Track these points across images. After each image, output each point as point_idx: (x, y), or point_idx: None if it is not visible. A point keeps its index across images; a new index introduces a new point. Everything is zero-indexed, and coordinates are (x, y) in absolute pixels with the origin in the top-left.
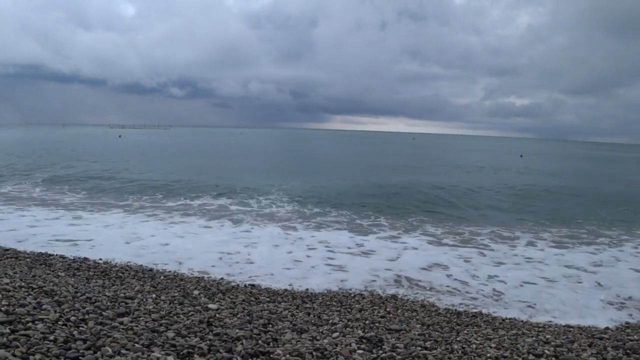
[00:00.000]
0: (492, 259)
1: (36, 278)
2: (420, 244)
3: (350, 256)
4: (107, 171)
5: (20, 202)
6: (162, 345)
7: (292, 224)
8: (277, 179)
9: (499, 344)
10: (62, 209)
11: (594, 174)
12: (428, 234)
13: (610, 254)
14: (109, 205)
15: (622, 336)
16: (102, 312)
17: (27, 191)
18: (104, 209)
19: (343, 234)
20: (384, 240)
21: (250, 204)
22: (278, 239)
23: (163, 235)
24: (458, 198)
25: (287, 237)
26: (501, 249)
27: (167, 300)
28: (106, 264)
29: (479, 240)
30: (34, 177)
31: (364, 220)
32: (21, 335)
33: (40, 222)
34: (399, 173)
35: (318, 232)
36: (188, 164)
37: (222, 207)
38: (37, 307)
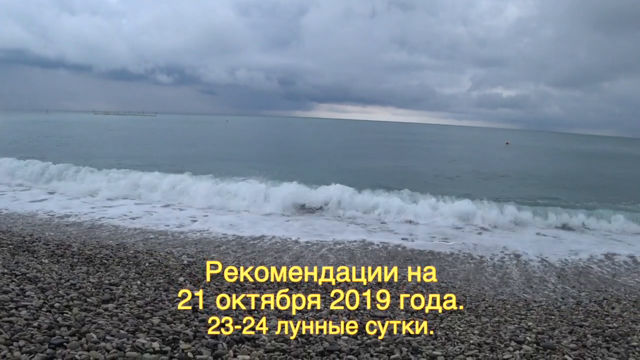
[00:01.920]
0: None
1: (19, 265)
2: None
3: (338, 243)
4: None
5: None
6: (147, 331)
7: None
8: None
9: (481, 331)
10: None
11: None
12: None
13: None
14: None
15: (602, 324)
16: (86, 298)
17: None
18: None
19: (323, 220)
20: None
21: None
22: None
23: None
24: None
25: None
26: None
27: (152, 287)
28: (90, 250)
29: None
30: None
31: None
32: (4, 322)
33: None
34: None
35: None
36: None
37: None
38: (21, 293)
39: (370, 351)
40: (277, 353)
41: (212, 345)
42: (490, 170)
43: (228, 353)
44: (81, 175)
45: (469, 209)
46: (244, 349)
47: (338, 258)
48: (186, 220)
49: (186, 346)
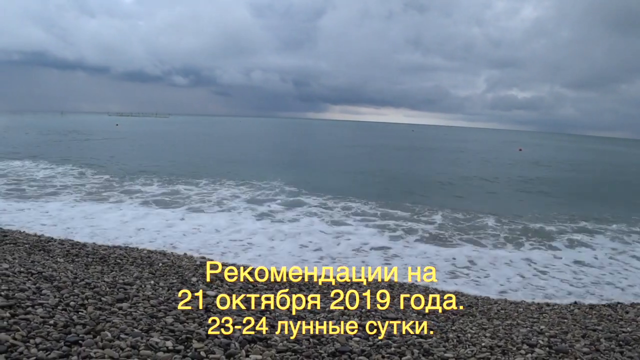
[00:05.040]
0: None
1: (35, 264)
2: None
3: (352, 249)
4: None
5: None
6: (160, 330)
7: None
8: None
9: (493, 334)
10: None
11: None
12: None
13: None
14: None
15: (616, 328)
16: (101, 297)
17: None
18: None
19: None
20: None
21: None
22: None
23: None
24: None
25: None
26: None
27: (166, 287)
28: (105, 250)
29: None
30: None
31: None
32: (21, 319)
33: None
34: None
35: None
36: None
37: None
38: (37, 292)
39: (381, 352)
40: (288, 353)
41: (225, 344)
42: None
43: (240, 353)
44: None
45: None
46: (256, 348)
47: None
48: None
49: (199, 345)
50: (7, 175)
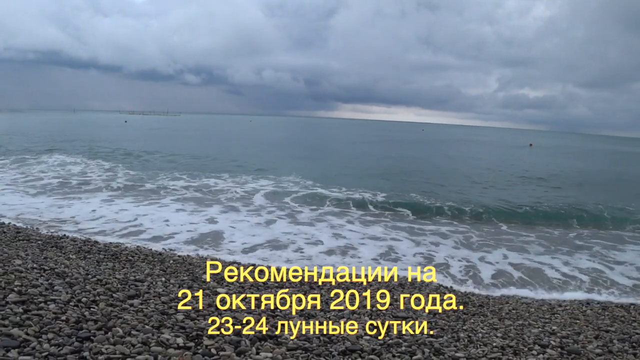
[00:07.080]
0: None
1: (48, 260)
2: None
3: (364, 245)
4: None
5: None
6: (171, 327)
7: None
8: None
9: (505, 334)
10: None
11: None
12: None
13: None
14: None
15: (629, 329)
16: (112, 294)
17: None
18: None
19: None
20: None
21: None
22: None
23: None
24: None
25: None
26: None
27: (177, 284)
28: (116, 247)
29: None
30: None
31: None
32: (34, 315)
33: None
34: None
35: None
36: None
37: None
38: (49, 288)
39: (392, 351)
40: (299, 351)
41: (235, 342)
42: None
43: (251, 350)
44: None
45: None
46: (267, 346)
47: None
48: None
49: (209, 342)
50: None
